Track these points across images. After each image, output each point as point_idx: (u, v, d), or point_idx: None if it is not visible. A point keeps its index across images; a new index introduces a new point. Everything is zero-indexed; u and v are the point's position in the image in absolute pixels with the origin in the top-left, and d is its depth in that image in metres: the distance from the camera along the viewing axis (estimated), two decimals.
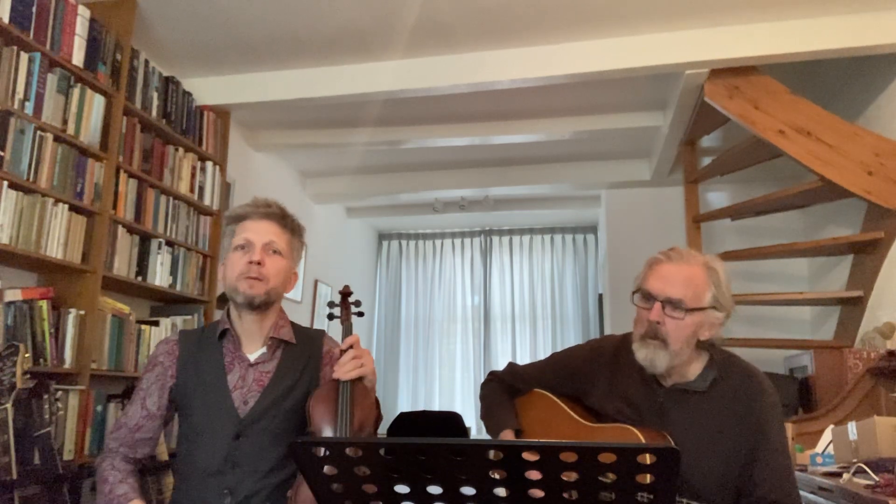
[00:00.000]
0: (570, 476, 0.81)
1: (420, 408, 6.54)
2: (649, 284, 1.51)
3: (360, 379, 1.60)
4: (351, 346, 1.60)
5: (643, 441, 1.44)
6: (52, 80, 2.66)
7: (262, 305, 1.65)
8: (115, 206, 2.97)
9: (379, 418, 1.68)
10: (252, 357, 1.68)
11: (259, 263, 1.62)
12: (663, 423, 1.51)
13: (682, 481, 1.43)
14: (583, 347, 1.74)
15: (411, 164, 5.20)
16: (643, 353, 1.50)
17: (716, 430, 1.48)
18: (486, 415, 1.75)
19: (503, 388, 1.78)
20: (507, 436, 1.64)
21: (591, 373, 1.64)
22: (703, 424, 1.49)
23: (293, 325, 1.77)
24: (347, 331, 1.69)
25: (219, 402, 1.62)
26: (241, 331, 1.69)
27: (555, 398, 1.68)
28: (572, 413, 1.64)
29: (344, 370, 1.57)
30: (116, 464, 1.60)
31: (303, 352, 1.71)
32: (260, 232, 1.65)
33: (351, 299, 1.78)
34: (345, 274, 6.15)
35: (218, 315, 3.70)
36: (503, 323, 6.77)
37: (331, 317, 1.77)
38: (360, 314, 1.77)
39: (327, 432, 1.57)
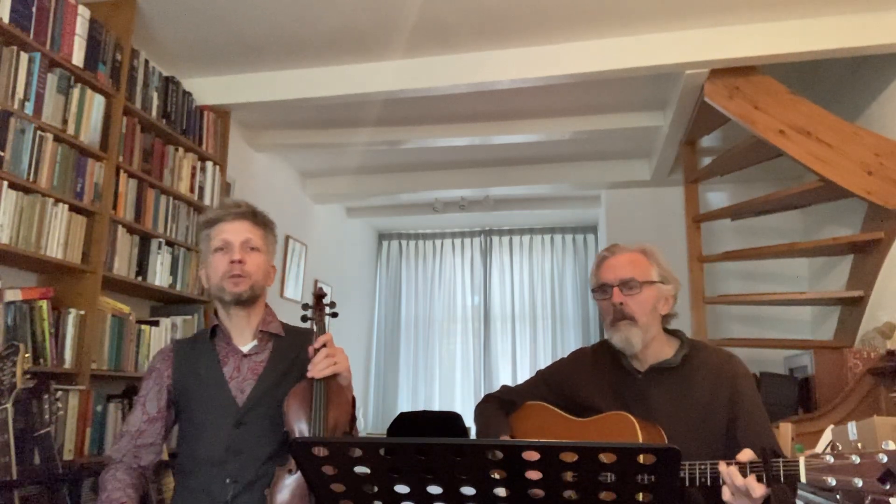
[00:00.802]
0: (570, 476, 0.81)
1: (420, 408, 6.54)
2: (602, 277, 1.68)
3: (334, 377, 1.64)
4: (324, 345, 1.64)
5: (637, 426, 1.51)
6: (52, 80, 2.66)
7: (249, 300, 1.72)
8: (115, 206, 2.97)
9: (354, 418, 1.72)
10: (245, 349, 1.74)
11: (241, 262, 1.69)
12: (646, 404, 1.60)
13: None
14: (565, 358, 1.86)
15: (411, 164, 5.20)
16: (618, 336, 1.63)
17: (695, 402, 1.57)
18: (481, 431, 1.82)
19: (497, 405, 1.84)
20: None
21: (576, 374, 1.76)
22: (682, 398, 1.59)
23: (282, 322, 1.84)
24: (321, 331, 1.72)
25: (217, 394, 1.67)
26: (231, 327, 1.76)
27: (547, 405, 1.76)
28: (565, 414, 1.71)
29: (317, 368, 1.60)
30: (119, 475, 1.63)
31: (293, 344, 1.77)
32: (236, 231, 1.73)
33: (325, 301, 1.80)
34: (345, 274, 6.15)
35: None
36: (503, 323, 6.76)
37: (304, 318, 1.78)
38: (334, 315, 1.78)
39: (302, 430, 1.61)
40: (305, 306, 1.79)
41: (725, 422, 1.54)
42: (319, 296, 1.80)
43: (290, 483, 1.56)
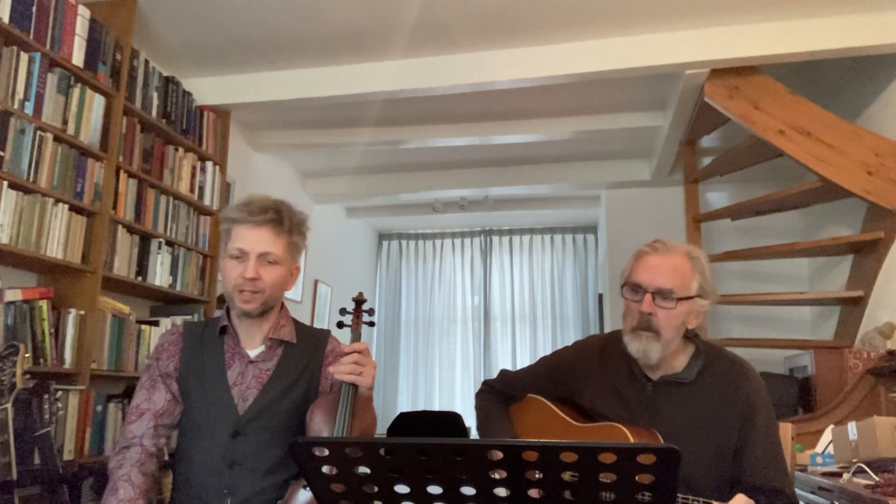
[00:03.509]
0: (571, 476, 0.81)
1: (420, 408, 6.55)
2: (637, 276, 1.52)
3: (358, 390, 1.55)
4: (359, 352, 1.52)
5: (631, 438, 1.44)
6: (52, 80, 2.66)
7: (261, 315, 1.63)
8: (115, 206, 2.97)
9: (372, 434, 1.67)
10: (252, 354, 1.65)
11: (254, 279, 1.56)
12: (653, 416, 1.52)
13: None
14: (569, 348, 1.74)
15: (411, 164, 5.20)
16: (636, 345, 1.51)
17: (705, 420, 1.49)
18: (482, 425, 1.76)
19: (497, 398, 1.78)
20: None
21: (580, 372, 1.65)
22: (692, 415, 1.50)
23: (297, 323, 1.74)
24: (356, 340, 1.63)
25: (218, 397, 1.60)
26: (241, 330, 1.67)
27: (547, 402, 1.68)
28: (563, 415, 1.64)
29: (340, 369, 1.51)
30: (133, 476, 1.49)
31: (304, 351, 1.69)
32: (255, 241, 1.58)
33: (364, 307, 1.69)
34: (345, 274, 6.15)
35: (218, 315, 3.70)
36: (503, 323, 6.77)
37: (340, 325, 1.68)
38: (371, 324, 1.69)
39: None
40: (343, 311, 1.68)
41: (735, 442, 1.47)
42: (360, 301, 1.69)
43: (304, 500, 1.51)
